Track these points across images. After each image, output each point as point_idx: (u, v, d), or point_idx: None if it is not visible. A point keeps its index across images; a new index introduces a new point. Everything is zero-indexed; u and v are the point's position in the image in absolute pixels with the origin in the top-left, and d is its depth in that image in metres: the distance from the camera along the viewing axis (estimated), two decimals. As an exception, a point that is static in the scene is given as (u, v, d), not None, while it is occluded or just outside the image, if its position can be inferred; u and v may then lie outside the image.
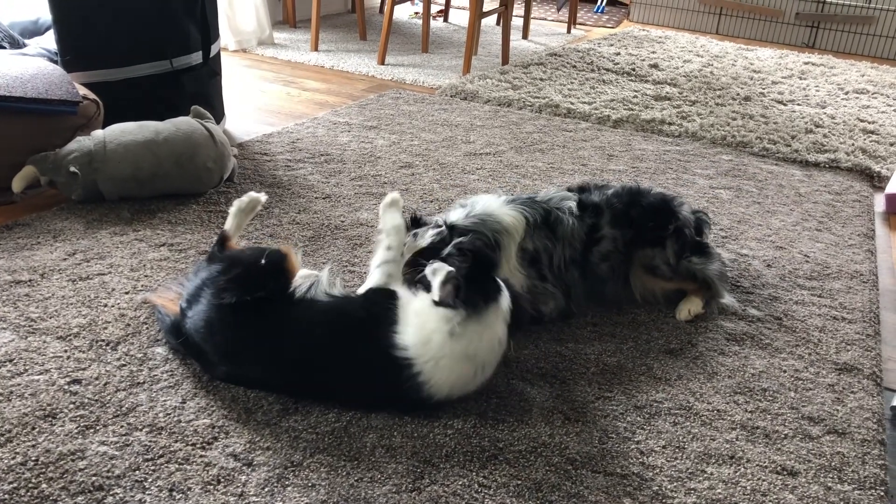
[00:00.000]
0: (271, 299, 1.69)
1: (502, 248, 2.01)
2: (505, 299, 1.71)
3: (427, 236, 1.98)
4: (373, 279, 1.81)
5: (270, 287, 1.70)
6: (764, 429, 1.73)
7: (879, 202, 3.16)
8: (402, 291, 1.75)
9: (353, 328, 1.69)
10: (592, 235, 2.14)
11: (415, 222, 2.07)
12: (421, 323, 1.65)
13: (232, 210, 2.01)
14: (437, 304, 1.67)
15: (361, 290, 1.82)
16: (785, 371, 1.95)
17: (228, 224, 1.99)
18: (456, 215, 2.05)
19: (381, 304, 1.71)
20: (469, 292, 1.65)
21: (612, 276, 2.18)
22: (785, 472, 1.60)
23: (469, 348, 1.63)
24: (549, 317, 2.07)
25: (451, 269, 1.71)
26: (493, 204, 2.08)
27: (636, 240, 2.18)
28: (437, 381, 1.63)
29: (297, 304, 1.72)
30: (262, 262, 1.74)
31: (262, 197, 2.05)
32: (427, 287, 1.73)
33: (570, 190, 2.26)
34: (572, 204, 2.14)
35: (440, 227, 2.00)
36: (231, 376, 1.72)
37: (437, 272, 1.71)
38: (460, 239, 1.95)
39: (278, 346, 1.68)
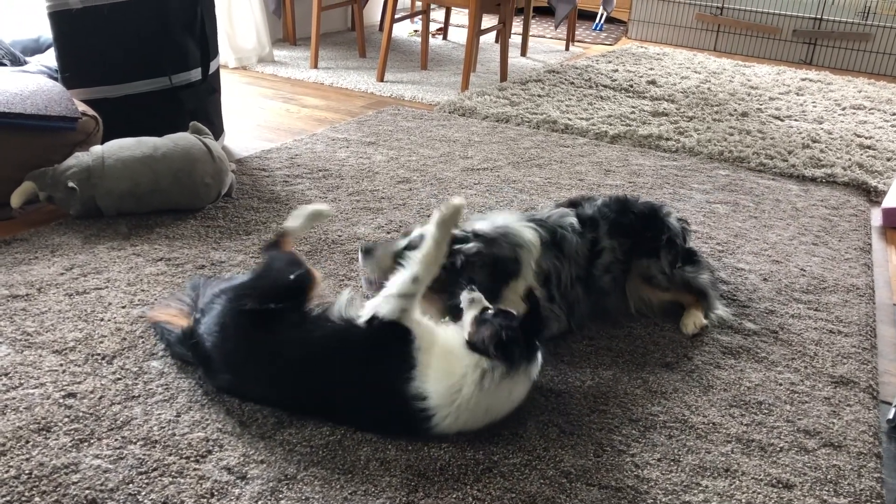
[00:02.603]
0: (286, 313, 1.69)
1: (522, 263, 1.98)
2: (540, 358, 1.66)
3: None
4: (383, 308, 1.63)
5: (289, 302, 1.71)
6: (759, 442, 1.72)
7: (876, 216, 3.17)
8: (418, 328, 1.62)
9: (360, 367, 1.63)
10: (594, 249, 2.15)
11: None
12: (447, 368, 1.57)
13: (296, 212, 1.97)
14: (469, 345, 1.60)
15: (365, 315, 1.66)
16: (781, 384, 1.95)
17: (291, 223, 1.95)
18: (480, 225, 2.02)
19: (393, 346, 1.60)
20: (512, 345, 1.58)
21: (614, 288, 2.19)
22: (780, 486, 1.60)
23: (494, 404, 1.61)
24: (550, 337, 2.06)
25: (486, 304, 1.64)
26: (511, 219, 2.07)
27: (633, 249, 2.19)
28: (450, 426, 1.60)
29: (308, 322, 1.70)
30: (291, 277, 1.76)
31: (326, 208, 2.02)
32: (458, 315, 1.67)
33: (560, 205, 2.26)
34: (573, 220, 2.14)
35: (465, 234, 1.97)
36: (231, 387, 1.72)
37: (472, 304, 1.65)
38: (477, 246, 1.92)
39: (282, 365, 1.68)
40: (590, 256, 2.13)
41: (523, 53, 6.05)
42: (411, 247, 1.84)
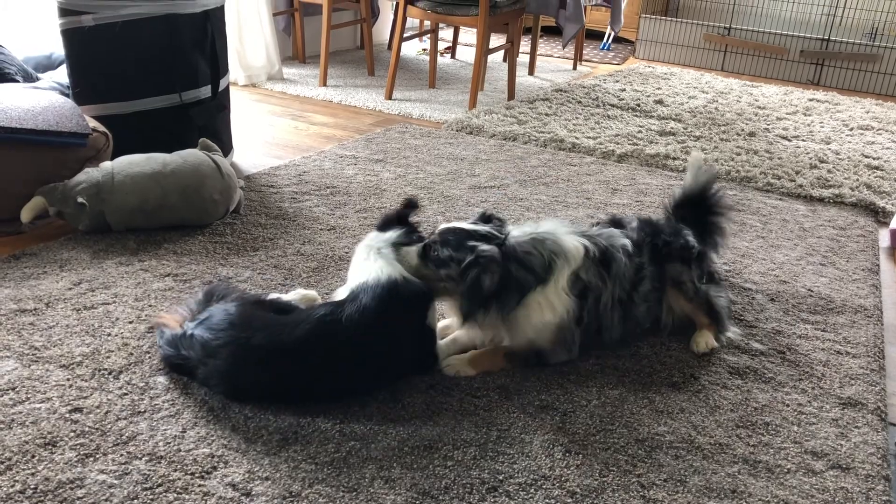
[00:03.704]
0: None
1: (554, 270, 1.94)
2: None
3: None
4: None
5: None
6: (766, 463, 1.71)
7: (884, 237, 3.16)
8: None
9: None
10: (638, 275, 2.11)
11: (484, 219, 2.04)
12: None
13: (296, 295, 2.20)
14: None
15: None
16: (788, 405, 1.94)
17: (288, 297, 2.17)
18: (518, 231, 2.00)
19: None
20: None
21: (647, 319, 2.18)
22: (788, 508, 1.59)
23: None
24: (555, 363, 2.03)
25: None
26: (559, 228, 2.05)
27: (667, 256, 2.17)
28: None
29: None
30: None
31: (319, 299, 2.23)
32: None
33: (598, 223, 2.26)
34: (626, 242, 2.10)
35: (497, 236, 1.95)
36: (220, 378, 1.76)
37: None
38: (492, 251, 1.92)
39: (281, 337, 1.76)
40: (634, 282, 2.10)
41: (531, 72, 6.08)
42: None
